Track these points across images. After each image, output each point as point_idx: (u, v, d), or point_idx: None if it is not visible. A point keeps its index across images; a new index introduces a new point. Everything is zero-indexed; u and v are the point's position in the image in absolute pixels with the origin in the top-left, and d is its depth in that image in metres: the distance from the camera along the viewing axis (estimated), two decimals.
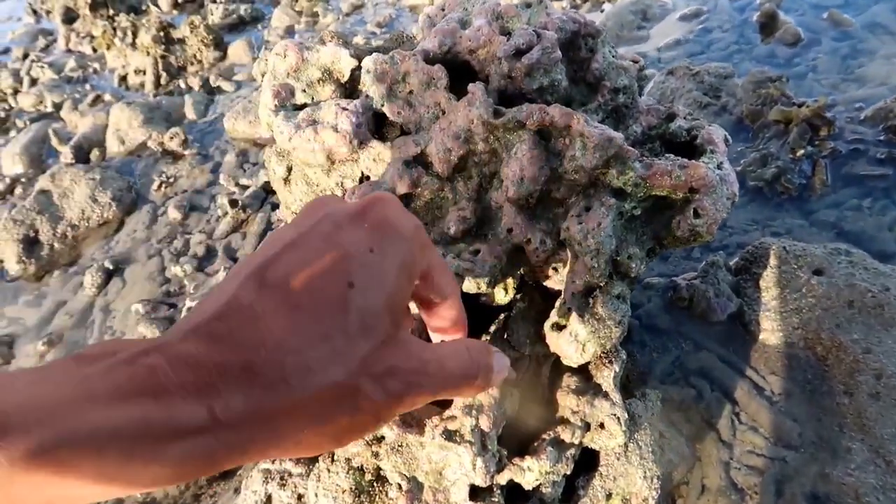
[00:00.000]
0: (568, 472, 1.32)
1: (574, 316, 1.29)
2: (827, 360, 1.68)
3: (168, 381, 0.36)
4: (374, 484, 1.28)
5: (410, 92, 1.51)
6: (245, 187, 2.97)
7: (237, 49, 4.13)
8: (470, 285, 1.36)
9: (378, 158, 1.52)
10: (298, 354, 0.39)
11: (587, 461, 1.42)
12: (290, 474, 1.76)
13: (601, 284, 1.30)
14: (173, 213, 2.94)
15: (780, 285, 1.78)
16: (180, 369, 0.36)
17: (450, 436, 1.20)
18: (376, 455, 1.25)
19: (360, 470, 1.29)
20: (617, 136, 1.25)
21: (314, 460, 1.56)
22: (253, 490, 1.78)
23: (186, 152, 3.34)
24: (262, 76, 1.72)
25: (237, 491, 1.91)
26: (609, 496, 1.38)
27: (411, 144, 1.47)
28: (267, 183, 2.93)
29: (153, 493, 1.98)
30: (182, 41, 4.18)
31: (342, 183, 1.60)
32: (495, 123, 1.37)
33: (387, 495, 1.28)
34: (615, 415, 1.31)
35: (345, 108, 1.49)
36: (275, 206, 2.83)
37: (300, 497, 1.72)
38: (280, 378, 0.38)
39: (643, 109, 1.49)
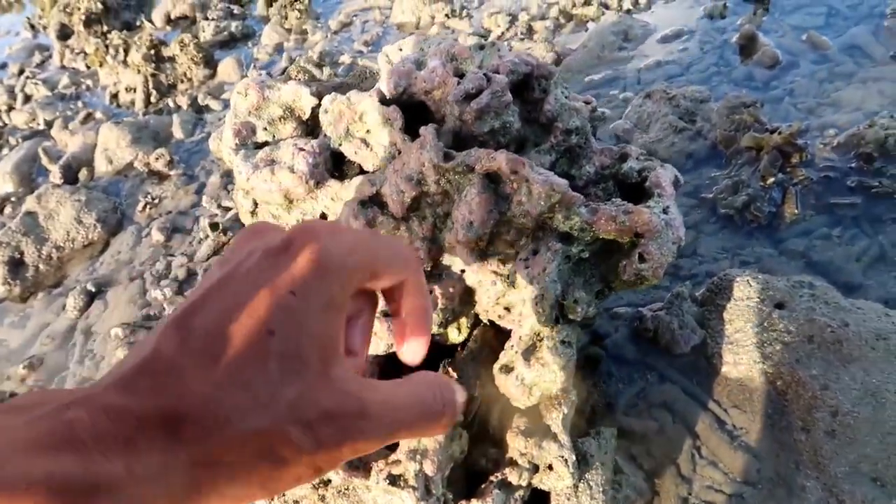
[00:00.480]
0: None
1: (520, 359, 1.30)
2: (787, 395, 1.69)
3: (87, 435, 0.35)
4: None
5: (368, 132, 1.53)
6: (227, 209, 2.99)
7: (227, 67, 4.17)
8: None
9: (336, 197, 1.54)
10: (219, 405, 0.38)
11: (539, 499, 1.43)
12: None
13: (546, 328, 1.31)
14: (156, 235, 2.97)
15: (743, 318, 1.79)
16: (100, 423, 0.36)
17: (394, 480, 1.21)
18: (322, 499, 1.27)
19: None
20: (561, 182, 1.27)
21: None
22: None
23: (172, 173, 3.37)
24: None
25: None
26: None
27: (367, 185, 1.49)
28: None
29: None
30: (172, 59, 4.21)
31: (302, 220, 1.62)
32: (445, 167, 1.38)
33: None
34: (563, 457, 1.32)
35: (301, 149, 1.51)
36: None
37: None
38: (200, 430, 0.37)
39: (596, 150, 1.50)
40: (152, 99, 4.11)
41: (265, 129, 1.64)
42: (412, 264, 0.50)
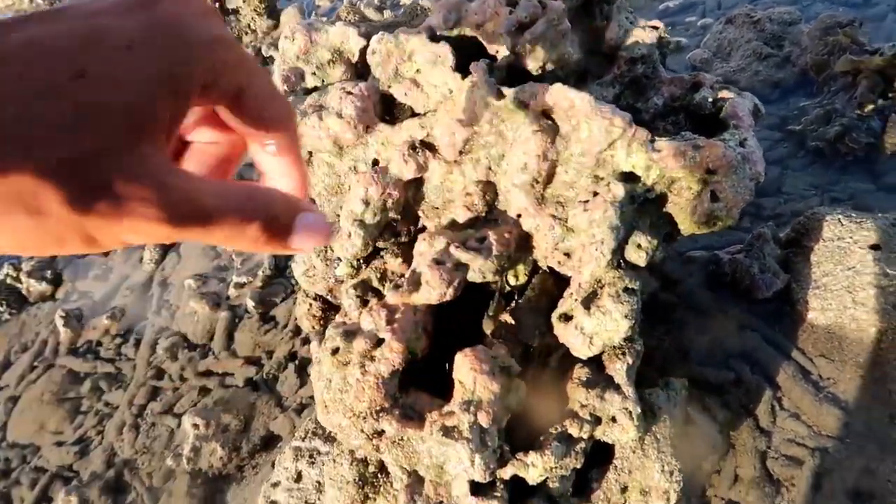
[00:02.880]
0: (578, 467, 1.28)
1: (580, 308, 1.23)
2: (881, 344, 1.54)
3: None
4: (378, 476, 1.29)
5: (417, 71, 1.45)
6: None
7: (289, 16, 4.12)
8: (474, 275, 1.32)
9: (387, 142, 1.48)
10: None
11: (602, 453, 1.37)
12: (320, 452, 1.81)
13: (608, 275, 1.22)
14: None
15: (832, 260, 1.63)
16: None
17: (447, 432, 1.18)
18: (377, 449, 1.25)
19: (364, 462, 1.29)
20: (623, 115, 1.16)
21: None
22: (284, 467, 1.84)
23: None
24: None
25: (274, 464, 1.98)
26: (624, 489, 1.33)
27: (417, 127, 1.42)
28: None
29: (201, 463, 2.08)
30: (236, 11, 4.21)
31: (355, 167, 1.58)
32: (497, 105, 1.29)
33: (392, 486, 1.28)
34: (627, 409, 1.25)
35: (349, 93, 1.45)
36: None
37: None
38: None
39: (665, 80, 1.37)
40: None
41: (314, 73, 1.58)
42: (293, 113, 0.46)
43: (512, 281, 1.41)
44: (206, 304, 2.48)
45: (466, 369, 1.22)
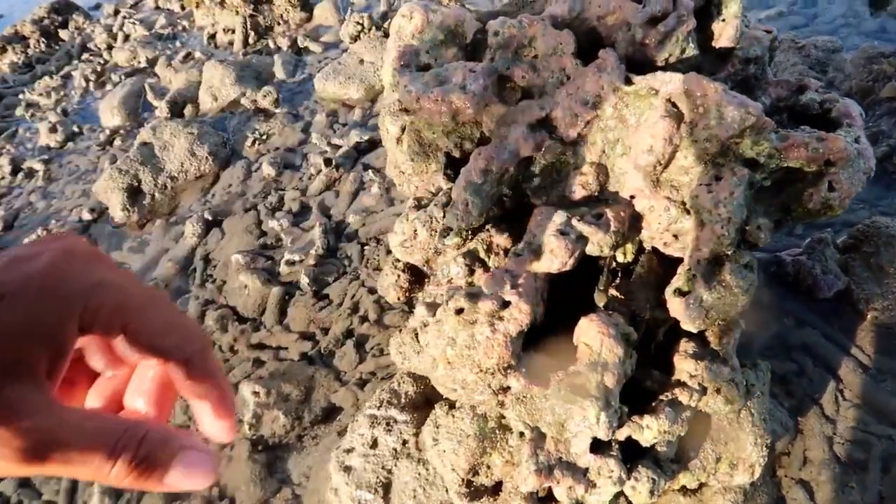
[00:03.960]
0: (682, 434, 1.36)
1: (700, 282, 1.31)
2: None
3: None
4: (497, 431, 1.35)
5: (535, 56, 1.54)
6: (337, 147, 3.05)
7: (323, 10, 4.19)
8: (592, 248, 1.39)
9: (501, 121, 1.56)
10: None
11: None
12: (396, 420, 1.86)
13: (729, 253, 1.31)
14: (267, 170, 3.04)
15: (894, 265, 1.76)
16: None
17: (575, 390, 1.25)
18: (501, 404, 1.31)
19: (484, 417, 1.35)
20: (755, 105, 1.26)
21: (423, 409, 1.64)
22: (360, 433, 1.88)
23: (278, 111, 3.43)
24: (352, 39, 1.76)
25: (341, 434, 2.02)
26: (718, 459, 1.41)
27: (536, 108, 1.50)
28: (358, 143, 3.00)
29: (263, 430, 2.10)
30: (269, 1, 4.25)
31: (461, 144, 1.65)
32: (627, 90, 1.38)
33: (507, 443, 1.34)
34: (734, 380, 1.34)
35: (472, 71, 1.53)
36: (366, 167, 2.90)
37: (405, 443, 1.82)
38: None
39: (772, 81, 1.48)
40: (250, 40, 4.17)
41: (427, 52, 1.65)
42: (196, 339, 0.46)
43: (620, 258, 1.49)
44: (257, 279, 2.51)
45: (594, 332, 1.29)
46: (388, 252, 2.55)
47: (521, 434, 1.32)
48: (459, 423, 1.34)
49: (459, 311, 1.38)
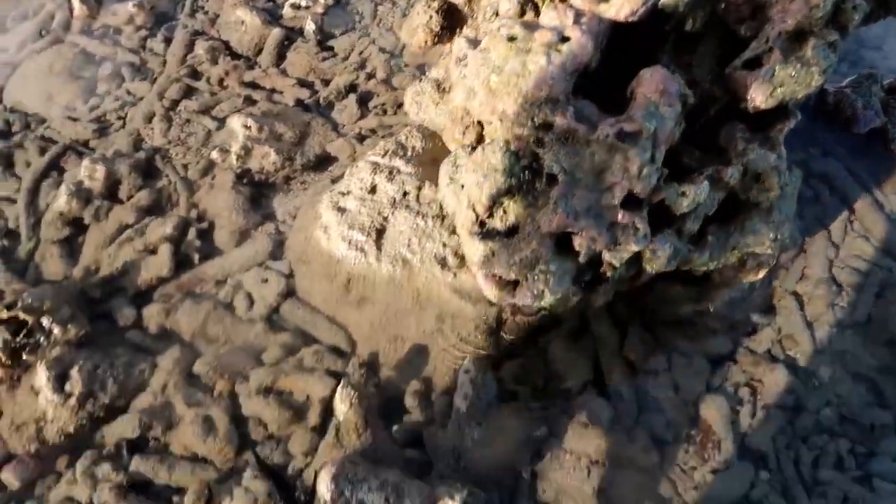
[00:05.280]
0: (710, 213, 1.32)
1: (776, 55, 1.21)
2: None
3: None
4: (526, 172, 1.27)
5: None
6: None
7: None
8: (667, 1, 1.26)
9: None
10: None
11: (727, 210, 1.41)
12: (400, 171, 1.78)
13: (815, 29, 1.21)
14: None
15: None
16: None
17: (624, 137, 1.17)
18: (539, 142, 1.23)
19: (516, 155, 1.27)
20: None
21: (428, 166, 1.57)
22: (359, 177, 1.80)
23: None
24: None
25: (335, 181, 1.93)
26: (733, 249, 1.39)
27: None
28: None
29: (251, 164, 2.00)
30: None
31: None
32: None
33: (535, 186, 1.28)
34: (777, 168, 1.29)
35: None
36: None
37: (405, 194, 1.75)
38: None
39: None
40: None
41: None
42: None
43: (688, 27, 1.37)
44: (256, 17, 2.28)
45: (654, 85, 1.20)
46: (404, 15, 2.33)
47: (552, 178, 1.25)
48: (490, 156, 1.25)
49: (512, 39, 1.25)
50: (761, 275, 1.49)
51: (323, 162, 2.12)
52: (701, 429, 1.51)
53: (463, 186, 1.36)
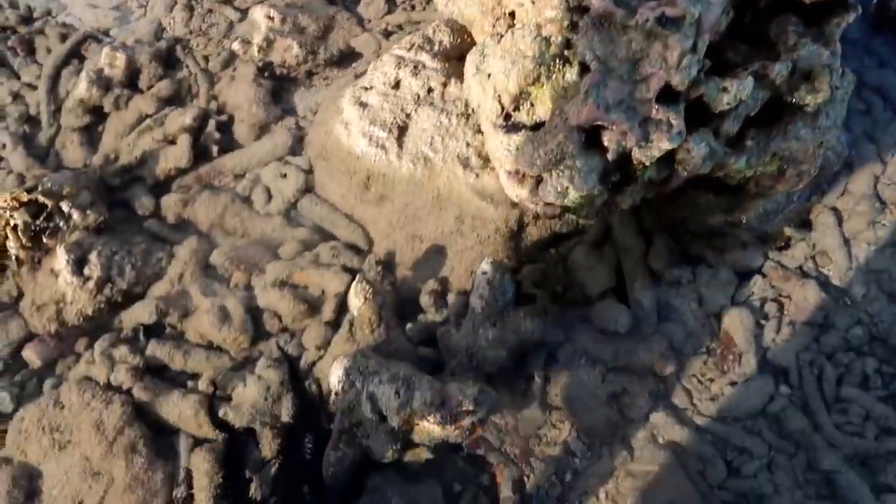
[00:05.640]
0: (752, 114, 1.24)
1: None
2: None
3: None
4: (557, 60, 1.19)
5: None
6: None
7: None
8: None
9: None
10: None
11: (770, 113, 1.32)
12: (425, 66, 1.70)
13: None
14: None
15: None
16: None
17: (665, 22, 1.08)
18: (573, 27, 1.14)
19: (547, 41, 1.19)
20: None
21: (455, 63, 1.49)
22: (382, 71, 1.73)
23: None
24: None
25: (358, 76, 1.86)
26: (773, 155, 1.31)
27: None
28: None
29: (272, 56, 1.93)
30: None
31: None
32: None
33: (564, 77, 1.20)
34: (830, 66, 1.19)
35: None
36: None
37: (430, 90, 1.68)
38: None
39: None
40: None
41: None
42: None
43: None
44: None
45: None
46: None
47: (584, 68, 1.17)
48: (519, 41, 1.17)
49: None
50: (801, 186, 1.41)
51: (347, 57, 2.05)
52: (722, 341, 1.48)
53: (489, 76, 1.28)
